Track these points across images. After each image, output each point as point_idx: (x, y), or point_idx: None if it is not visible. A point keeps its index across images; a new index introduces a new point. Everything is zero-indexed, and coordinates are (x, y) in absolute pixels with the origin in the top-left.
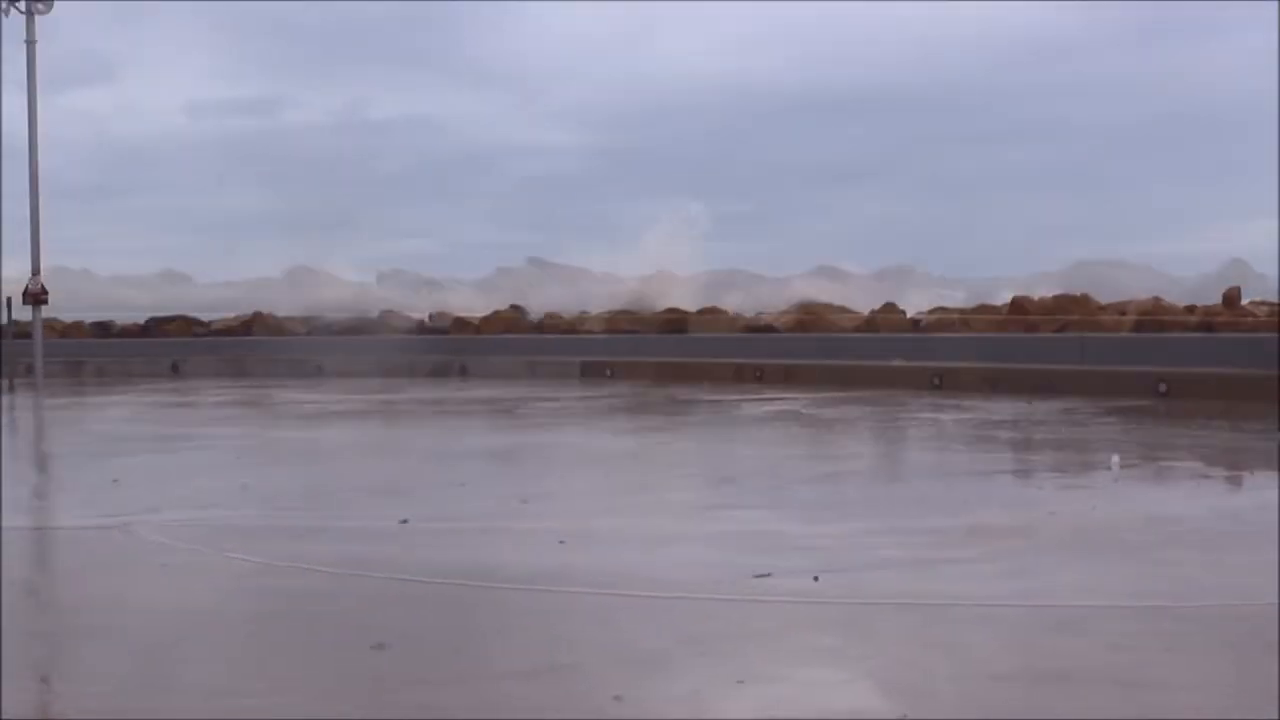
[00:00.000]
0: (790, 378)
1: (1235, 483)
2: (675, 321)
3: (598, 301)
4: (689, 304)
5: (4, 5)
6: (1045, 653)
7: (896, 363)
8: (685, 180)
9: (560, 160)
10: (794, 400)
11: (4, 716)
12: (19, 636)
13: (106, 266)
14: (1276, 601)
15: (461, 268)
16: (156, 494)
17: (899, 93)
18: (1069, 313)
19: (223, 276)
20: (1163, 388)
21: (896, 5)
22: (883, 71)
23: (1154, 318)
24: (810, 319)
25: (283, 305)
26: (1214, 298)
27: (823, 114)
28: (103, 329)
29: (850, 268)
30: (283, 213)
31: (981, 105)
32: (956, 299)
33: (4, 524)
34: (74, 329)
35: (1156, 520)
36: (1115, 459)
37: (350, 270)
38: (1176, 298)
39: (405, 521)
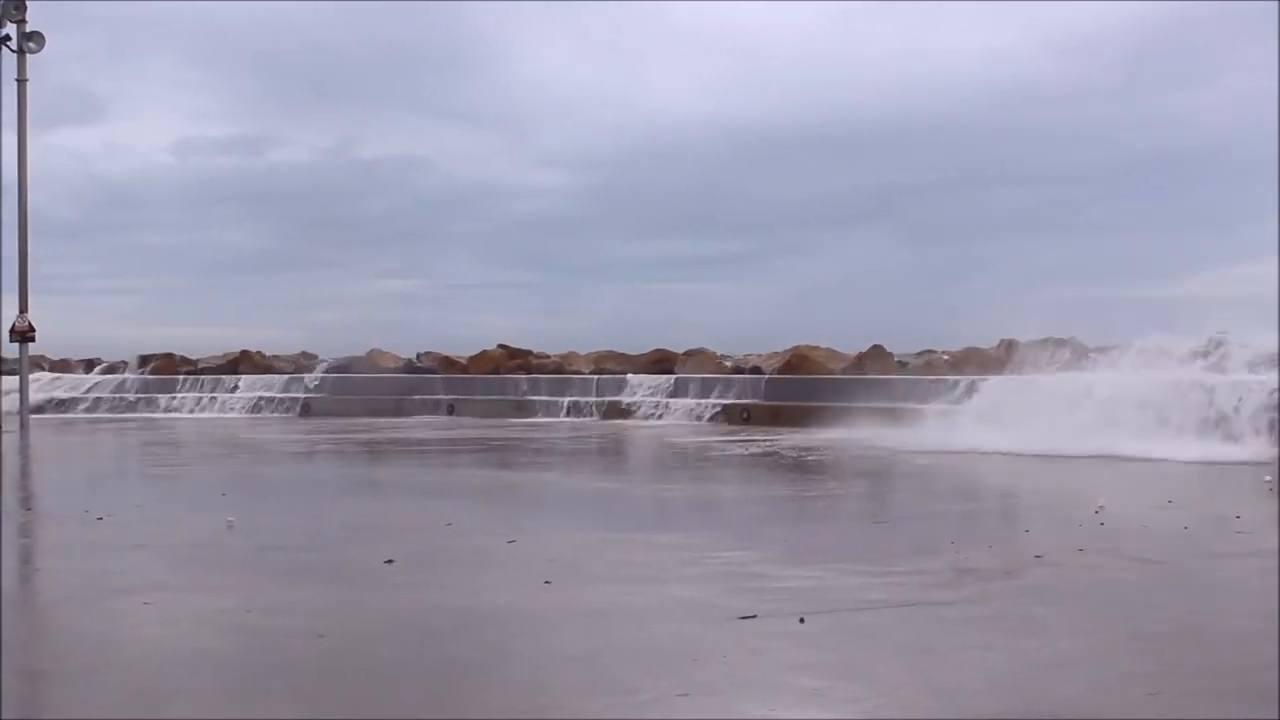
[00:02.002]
0: (777, 419)
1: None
2: (662, 362)
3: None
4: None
5: None
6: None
7: (883, 405)
8: (675, 221)
9: (551, 201)
10: (781, 441)
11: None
12: (7, 675)
13: (93, 305)
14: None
15: (451, 308)
16: (138, 532)
17: (891, 134)
18: (1058, 355)
19: (210, 315)
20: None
21: (885, 48)
22: (878, 114)
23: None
24: (798, 361)
25: (269, 343)
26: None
27: (814, 155)
28: (91, 367)
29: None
30: (270, 251)
31: (974, 147)
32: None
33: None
34: (61, 366)
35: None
36: (1101, 502)
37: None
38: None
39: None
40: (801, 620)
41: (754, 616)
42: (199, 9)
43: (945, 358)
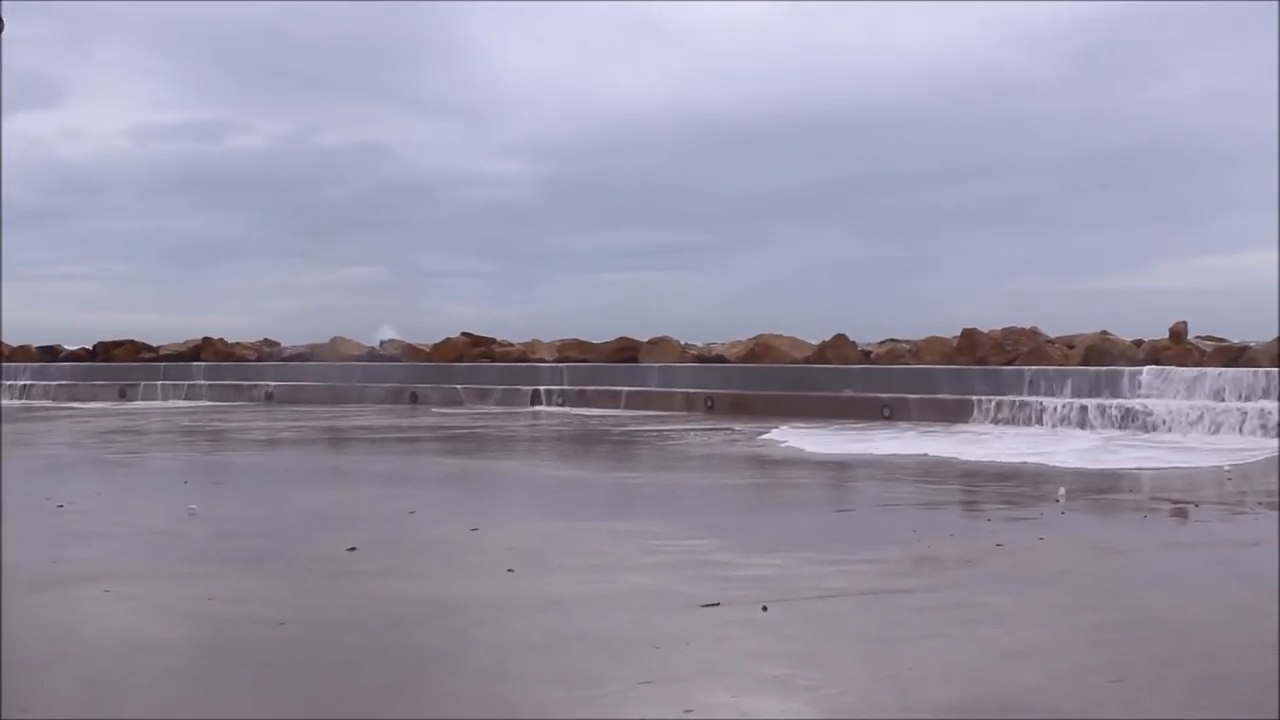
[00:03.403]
0: (740, 407)
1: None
2: (626, 350)
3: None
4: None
5: None
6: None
7: (847, 394)
8: (635, 211)
9: (511, 190)
10: (747, 430)
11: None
12: None
13: (51, 291)
14: None
15: (411, 295)
16: (106, 518)
17: (850, 126)
18: (1018, 345)
19: (170, 302)
20: (1113, 415)
21: (848, 39)
22: (834, 105)
23: (1102, 351)
24: (761, 350)
25: (231, 330)
26: (1160, 332)
27: (772, 148)
28: (50, 353)
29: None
30: (230, 238)
31: (933, 140)
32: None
33: None
34: (20, 352)
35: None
36: (1062, 491)
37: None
38: (1123, 332)
39: (353, 549)
40: (764, 608)
41: (717, 604)
42: None
43: (907, 346)
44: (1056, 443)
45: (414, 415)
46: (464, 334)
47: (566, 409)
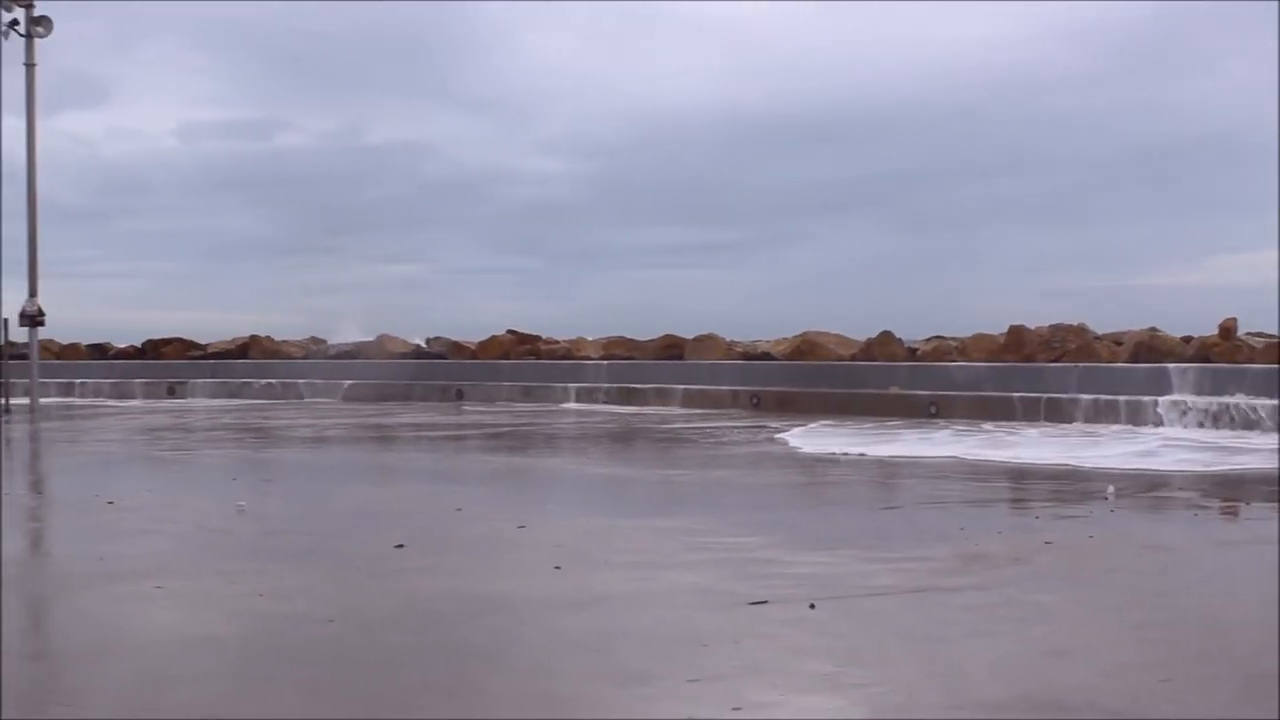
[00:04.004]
0: (786, 405)
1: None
2: (672, 347)
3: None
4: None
5: (4, 30)
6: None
7: (894, 391)
8: (675, 207)
9: (551, 187)
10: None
11: (4, 717)
12: (15, 658)
13: (99, 289)
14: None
15: (454, 293)
16: (153, 515)
17: (890, 121)
18: (1066, 342)
19: (216, 300)
20: (1160, 415)
21: (886, 34)
22: (872, 101)
23: (1150, 348)
24: (807, 347)
25: (277, 328)
26: (1210, 328)
27: (814, 143)
28: (99, 351)
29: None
30: (275, 236)
31: (973, 135)
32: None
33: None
34: (70, 350)
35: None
36: (1111, 489)
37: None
38: (1172, 328)
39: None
40: (812, 606)
41: (764, 602)
42: None
43: (954, 344)
44: (1104, 444)
45: (460, 412)
46: (509, 331)
47: (611, 406)
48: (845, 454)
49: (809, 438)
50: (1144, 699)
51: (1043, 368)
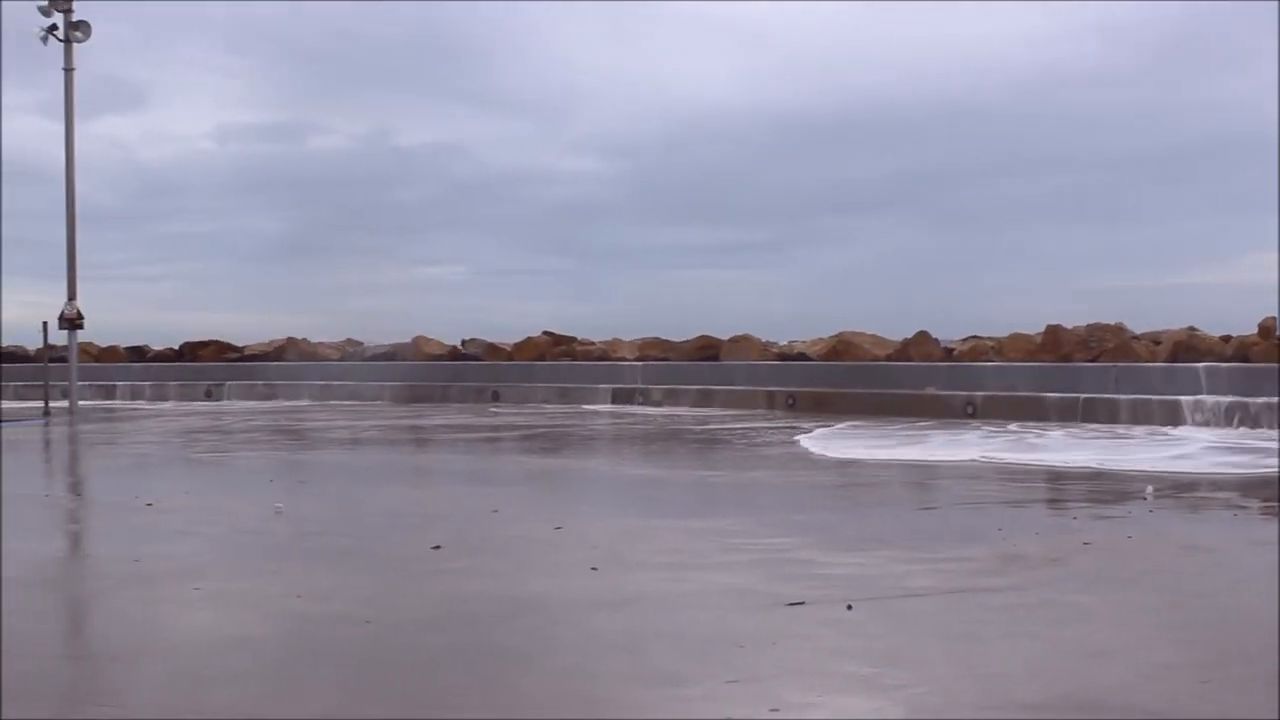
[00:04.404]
0: (822, 405)
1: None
2: (707, 348)
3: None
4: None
5: (43, 34)
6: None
7: (930, 391)
8: (708, 207)
9: (584, 187)
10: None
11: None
12: (54, 659)
13: (135, 292)
14: None
15: (487, 294)
16: (188, 518)
17: (924, 120)
18: (1103, 341)
19: (251, 302)
20: (1199, 416)
21: (917, 32)
22: (908, 99)
23: (1189, 347)
24: (843, 347)
25: (312, 330)
26: (1249, 327)
27: (846, 141)
28: (138, 353)
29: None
30: (309, 238)
31: (1007, 133)
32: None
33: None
34: (109, 353)
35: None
36: (1150, 489)
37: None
38: (1211, 327)
39: (438, 548)
40: (849, 607)
41: (801, 603)
42: None
43: (991, 344)
44: (1142, 445)
45: (495, 414)
46: (545, 333)
47: (647, 408)
48: (867, 458)
49: (829, 440)
50: (1183, 700)
51: (1080, 367)
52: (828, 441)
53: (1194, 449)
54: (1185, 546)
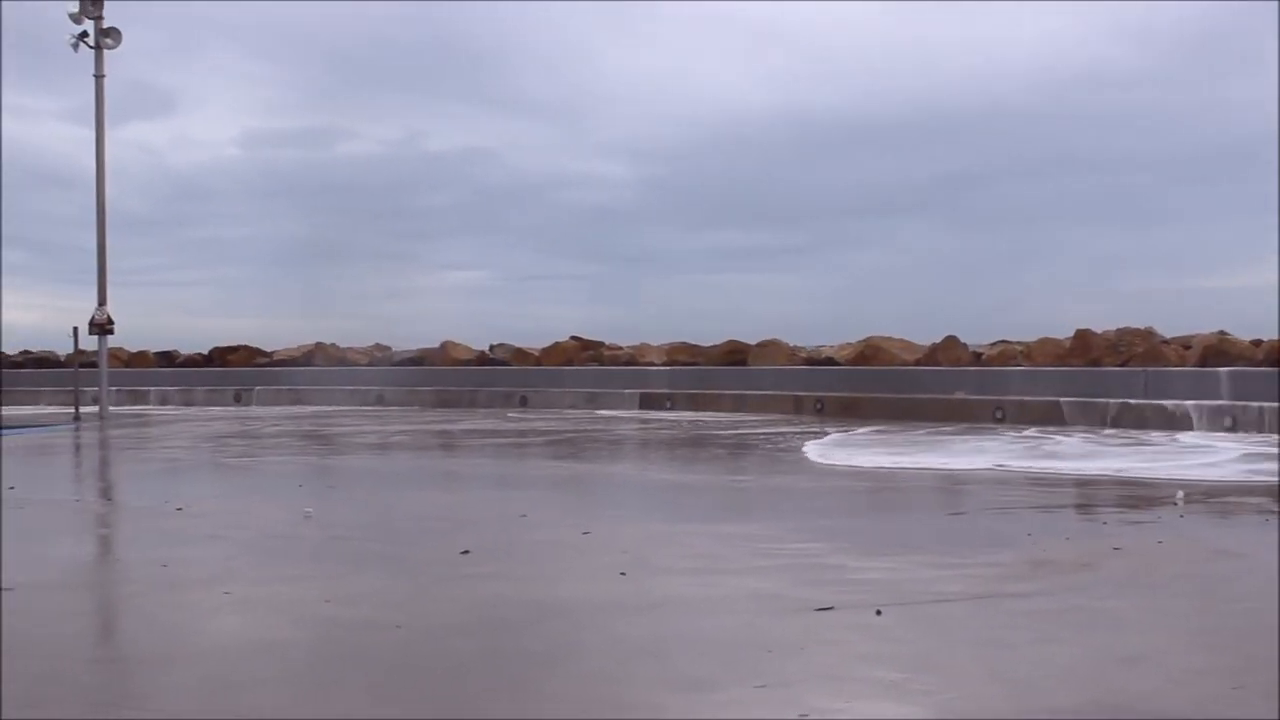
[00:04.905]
0: (850, 410)
1: None
2: (735, 353)
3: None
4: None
5: (73, 41)
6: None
7: (958, 396)
8: (735, 211)
9: (611, 192)
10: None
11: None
12: (85, 663)
13: (164, 297)
14: None
15: (515, 299)
16: (220, 520)
17: (952, 123)
18: (1133, 346)
19: (279, 307)
20: (1227, 421)
21: (945, 35)
22: (936, 102)
23: (1220, 351)
24: (871, 352)
25: (341, 334)
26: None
27: (874, 145)
28: (167, 358)
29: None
30: (337, 243)
31: (1036, 136)
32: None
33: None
34: (139, 358)
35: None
36: (1180, 494)
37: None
38: (1241, 331)
39: (466, 553)
40: (878, 612)
41: (830, 608)
42: (262, 3)
43: (1019, 348)
44: (1172, 450)
45: (523, 419)
46: (573, 337)
47: (675, 412)
48: (873, 467)
49: (837, 448)
50: (1214, 706)
51: (1109, 372)
52: (831, 449)
53: (1223, 455)
54: (1215, 551)
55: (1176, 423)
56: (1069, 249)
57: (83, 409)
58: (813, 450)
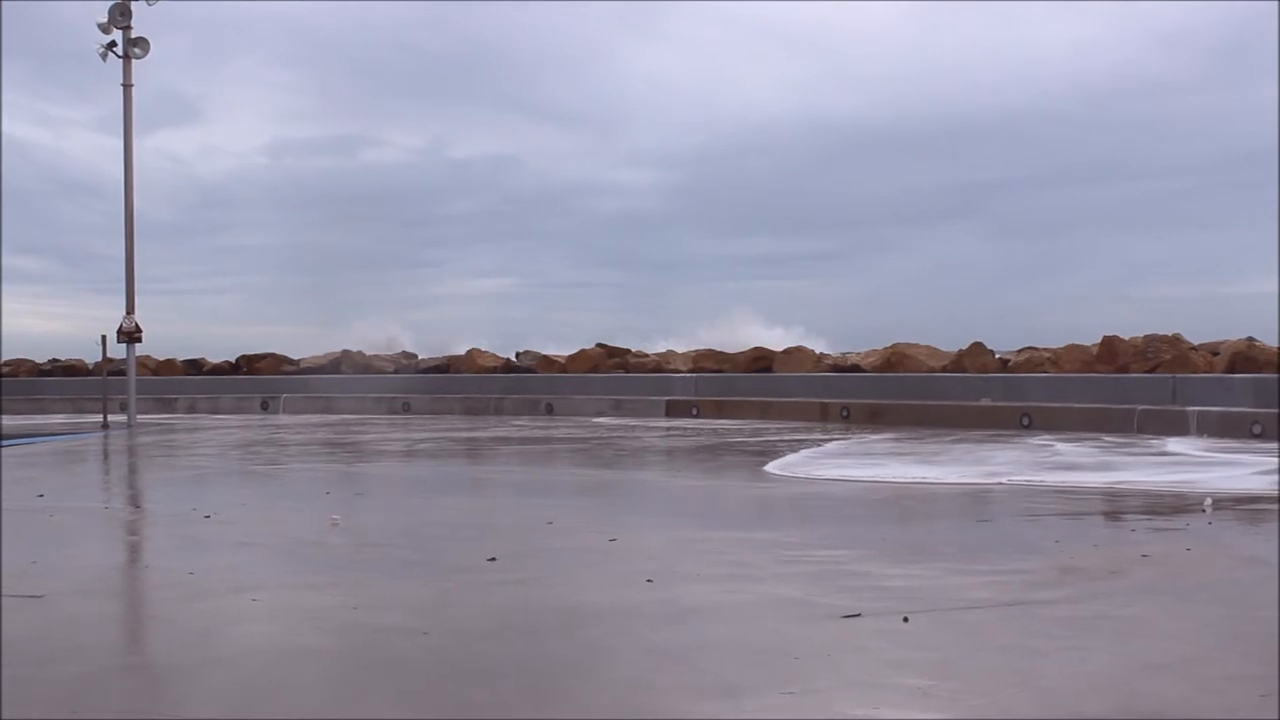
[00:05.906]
0: (876, 417)
1: None
2: (761, 359)
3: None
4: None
5: (102, 51)
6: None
7: (985, 402)
8: (763, 218)
9: (638, 199)
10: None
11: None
12: (114, 670)
13: (191, 305)
14: None
15: (542, 306)
16: (247, 529)
17: (980, 130)
18: (1160, 353)
19: (305, 315)
20: (1256, 429)
21: (974, 41)
22: (964, 108)
23: (1248, 358)
24: (897, 359)
25: (368, 342)
26: None
27: (901, 152)
28: (195, 366)
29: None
30: (363, 251)
31: (1065, 142)
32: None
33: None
34: (166, 366)
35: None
36: (1208, 501)
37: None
38: (1270, 338)
39: (493, 559)
40: (905, 619)
41: (858, 615)
42: (288, 10)
43: (1046, 355)
44: (1199, 458)
45: (549, 426)
46: (599, 345)
47: (701, 420)
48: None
49: (852, 454)
50: (1243, 714)
51: (1137, 378)
52: (849, 449)
53: (1252, 463)
54: (1244, 559)
55: (1203, 429)
56: (1097, 255)
57: (111, 417)
58: (834, 449)
